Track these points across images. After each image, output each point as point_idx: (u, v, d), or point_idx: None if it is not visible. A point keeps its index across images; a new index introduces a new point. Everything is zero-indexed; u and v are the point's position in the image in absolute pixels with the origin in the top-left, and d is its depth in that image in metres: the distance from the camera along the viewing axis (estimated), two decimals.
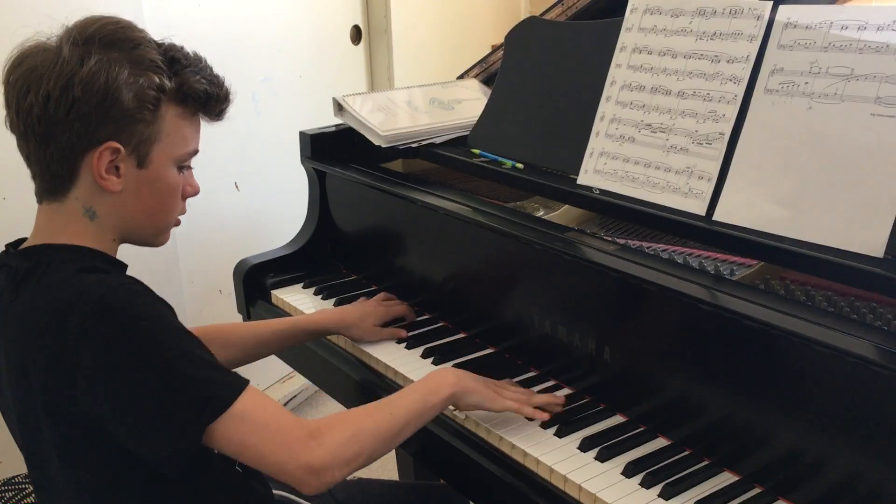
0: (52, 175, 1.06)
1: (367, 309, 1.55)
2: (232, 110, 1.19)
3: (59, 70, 1.00)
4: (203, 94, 1.10)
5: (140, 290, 1.03)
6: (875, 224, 1.10)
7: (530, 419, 1.25)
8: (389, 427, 1.11)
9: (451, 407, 1.25)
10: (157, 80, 1.05)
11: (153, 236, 1.15)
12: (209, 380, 1.01)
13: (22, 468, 1.41)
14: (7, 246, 1.14)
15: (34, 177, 1.09)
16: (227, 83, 1.14)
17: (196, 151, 1.14)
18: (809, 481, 1.06)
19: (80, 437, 1.02)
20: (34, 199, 1.12)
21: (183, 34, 1.15)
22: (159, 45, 1.09)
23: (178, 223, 1.17)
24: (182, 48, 1.11)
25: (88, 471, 1.05)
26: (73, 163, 1.04)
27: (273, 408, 1.04)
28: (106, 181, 1.05)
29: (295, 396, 2.94)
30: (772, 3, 1.27)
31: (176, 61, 1.08)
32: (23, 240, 1.14)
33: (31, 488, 1.39)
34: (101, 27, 1.04)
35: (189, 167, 1.15)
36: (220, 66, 1.17)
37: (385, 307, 1.57)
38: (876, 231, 1.10)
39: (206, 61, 1.13)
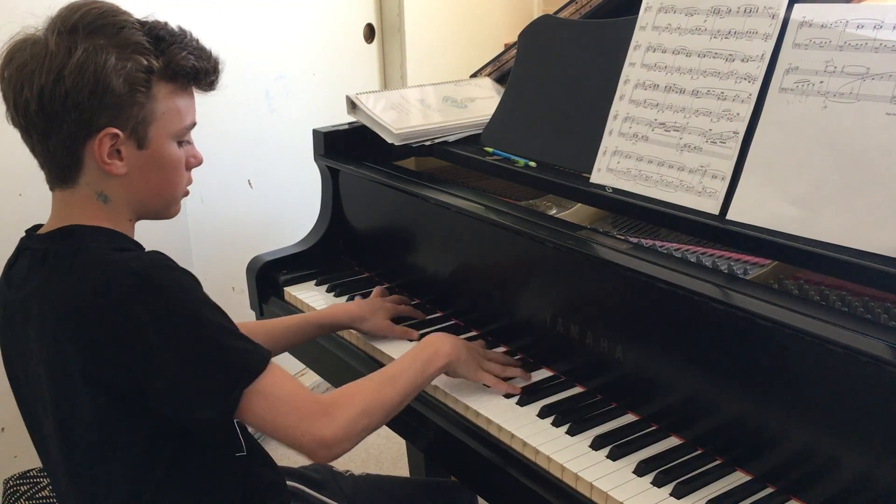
0: (59, 165, 1.08)
1: (378, 303, 1.57)
2: (245, 108, 1.20)
3: (49, 64, 1.02)
4: (191, 70, 1.11)
5: (174, 265, 1.07)
6: (890, 223, 1.09)
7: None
8: (394, 400, 1.18)
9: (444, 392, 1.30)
10: (145, 61, 1.06)
11: (165, 209, 1.19)
12: (242, 349, 1.07)
13: (37, 462, 1.43)
14: (27, 231, 1.17)
15: (42, 167, 1.11)
16: (214, 53, 1.15)
17: (193, 124, 1.15)
18: (822, 481, 1.05)
19: (118, 410, 1.06)
20: (49, 195, 1.14)
21: (195, 32, 1.15)
22: (143, 25, 1.09)
23: (187, 193, 1.20)
24: (166, 24, 1.11)
25: (119, 447, 1.08)
26: (76, 151, 1.07)
27: (292, 384, 1.10)
28: (110, 166, 1.08)
29: None
30: (787, 1, 1.26)
31: (161, 39, 1.09)
32: (40, 226, 1.16)
33: (46, 481, 1.40)
34: (83, 14, 1.05)
35: (189, 141, 1.17)
36: (233, 64, 1.17)
37: (394, 306, 1.58)
38: (890, 230, 1.09)
39: (191, 35, 1.13)
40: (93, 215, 1.11)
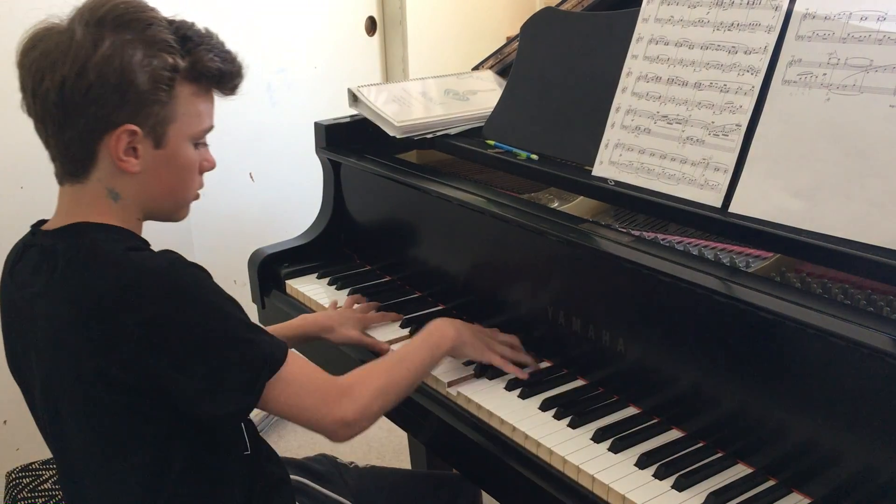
0: (72, 158, 1.07)
1: (347, 314, 1.54)
2: (247, 101, 1.20)
3: (74, 55, 1.01)
4: (217, 72, 1.10)
5: (189, 262, 1.06)
6: (893, 216, 1.09)
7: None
8: (407, 381, 1.23)
9: (446, 385, 1.33)
10: (171, 60, 1.05)
11: (174, 212, 1.18)
12: (264, 342, 1.08)
13: (38, 455, 1.43)
14: (32, 227, 1.15)
15: (53, 159, 1.09)
16: (239, 58, 1.15)
17: (211, 127, 1.15)
18: (823, 474, 1.05)
19: (134, 410, 1.05)
20: (51, 188, 1.12)
21: (197, 25, 1.14)
22: (171, 24, 1.09)
23: (197, 197, 1.19)
24: (193, 25, 1.11)
25: (132, 451, 1.07)
26: (92, 146, 1.05)
27: (311, 369, 1.14)
28: (125, 163, 1.06)
29: None
30: None
31: (188, 39, 1.08)
32: (44, 221, 1.14)
33: (48, 474, 1.40)
34: (112, 7, 1.04)
35: (205, 143, 1.16)
36: None
37: (364, 316, 1.55)
38: (893, 223, 1.09)
39: (217, 38, 1.13)
40: (102, 212, 1.09)
